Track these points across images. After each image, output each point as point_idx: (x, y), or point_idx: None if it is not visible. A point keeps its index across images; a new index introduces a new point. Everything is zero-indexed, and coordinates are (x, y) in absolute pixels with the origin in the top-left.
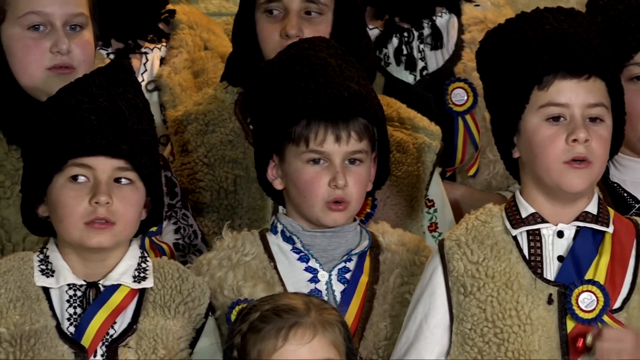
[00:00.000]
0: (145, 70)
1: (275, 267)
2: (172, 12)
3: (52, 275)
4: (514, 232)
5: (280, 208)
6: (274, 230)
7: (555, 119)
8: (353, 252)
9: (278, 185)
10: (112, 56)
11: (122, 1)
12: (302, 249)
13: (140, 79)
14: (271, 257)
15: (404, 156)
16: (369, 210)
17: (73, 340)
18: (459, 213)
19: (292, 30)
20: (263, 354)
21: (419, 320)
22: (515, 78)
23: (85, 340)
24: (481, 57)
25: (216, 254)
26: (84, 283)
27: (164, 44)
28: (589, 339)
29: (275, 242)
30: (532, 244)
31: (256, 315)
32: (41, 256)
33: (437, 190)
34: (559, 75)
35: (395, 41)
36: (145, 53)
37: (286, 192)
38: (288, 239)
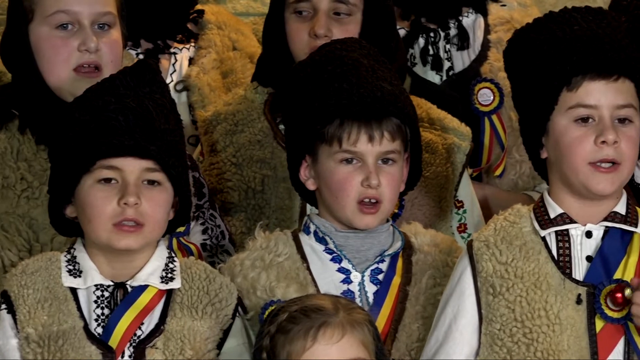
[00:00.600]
0: (174, 71)
1: (308, 268)
2: (201, 12)
3: (80, 276)
4: (543, 233)
5: (310, 208)
6: (306, 231)
7: (584, 120)
8: (386, 253)
9: (310, 185)
10: (141, 56)
11: (152, 1)
12: (334, 249)
13: (169, 80)
14: (304, 258)
15: (432, 157)
16: (396, 211)
17: (101, 341)
18: (487, 213)
19: (321, 30)
20: (292, 354)
21: (448, 321)
22: (544, 79)
23: (113, 341)
24: (509, 57)
25: (249, 254)
26: (112, 284)
27: (193, 44)
28: (627, 292)
29: (308, 242)
30: (560, 244)
31: (284, 317)
32: (68, 256)
33: (467, 191)
34: (588, 77)
35: (421, 41)
36: (174, 53)
37: (319, 192)
38: (321, 240)
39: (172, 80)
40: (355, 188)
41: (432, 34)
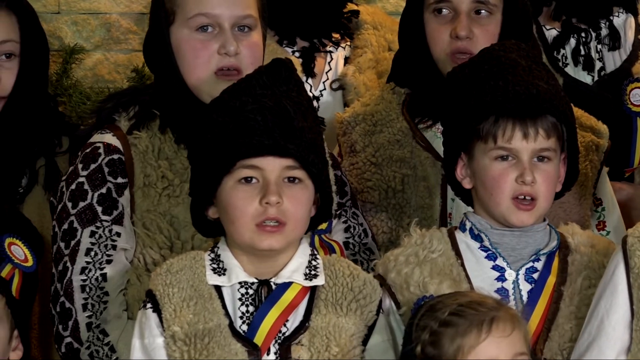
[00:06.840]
0: (330, 69)
1: (462, 265)
2: (356, 13)
3: (224, 274)
4: None
5: (450, 207)
6: (462, 228)
7: None
8: (541, 252)
9: (466, 184)
10: (297, 54)
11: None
12: (490, 247)
13: (324, 78)
14: (458, 255)
15: None
16: None
17: (246, 339)
18: (626, 213)
19: (463, 31)
20: (465, 347)
21: (600, 316)
22: None
23: (258, 339)
24: None
25: (403, 251)
26: (256, 281)
27: (348, 43)
28: None
29: (463, 239)
30: None
31: (447, 311)
32: (212, 255)
33: (605, 188)
34: None
35: (572, 42)
36: (331, 52)
37: (474, 190)
38: (476, 237)
39: (327, 79)
40: (509, 185)
41: (583, 34)
